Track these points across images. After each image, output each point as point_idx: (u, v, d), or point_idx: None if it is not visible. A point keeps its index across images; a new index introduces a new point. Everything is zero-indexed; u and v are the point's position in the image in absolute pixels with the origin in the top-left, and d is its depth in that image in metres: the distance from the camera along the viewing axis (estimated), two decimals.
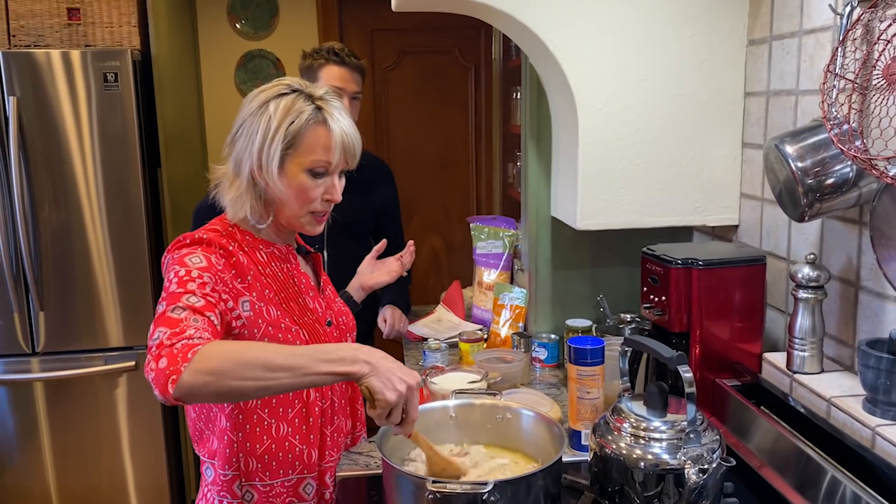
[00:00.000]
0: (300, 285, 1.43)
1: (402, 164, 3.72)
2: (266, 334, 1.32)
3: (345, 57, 2.21)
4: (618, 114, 1.79)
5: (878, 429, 1.22)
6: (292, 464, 1.38)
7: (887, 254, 1.19)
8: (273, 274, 1.38)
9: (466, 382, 1.64)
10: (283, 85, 1.34)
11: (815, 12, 1.52)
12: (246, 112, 1.32)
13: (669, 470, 1.19)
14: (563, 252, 2.12)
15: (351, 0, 3.75)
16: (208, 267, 1.25)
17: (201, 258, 1.26)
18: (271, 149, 1.28)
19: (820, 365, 1.45)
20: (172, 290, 1.20)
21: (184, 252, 1.27)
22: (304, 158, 1.31)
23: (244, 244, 1.36)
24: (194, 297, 1.18)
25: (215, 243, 1.29)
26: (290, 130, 1.29)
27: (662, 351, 1.24)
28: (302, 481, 1.40)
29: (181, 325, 1.12)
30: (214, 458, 1.38)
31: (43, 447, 2.86)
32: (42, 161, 2.69)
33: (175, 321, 1.13)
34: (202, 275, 1.23)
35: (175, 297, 1.18)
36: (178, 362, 1.05)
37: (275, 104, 1.29)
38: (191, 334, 1.10)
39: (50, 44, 2.78)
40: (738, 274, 1.56)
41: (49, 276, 2.75)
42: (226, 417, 1.35)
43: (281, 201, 1.33)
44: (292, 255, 1.44)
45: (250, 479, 1.36)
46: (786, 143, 1.37)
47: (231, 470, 1.36)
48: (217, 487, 1.38)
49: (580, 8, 1.74)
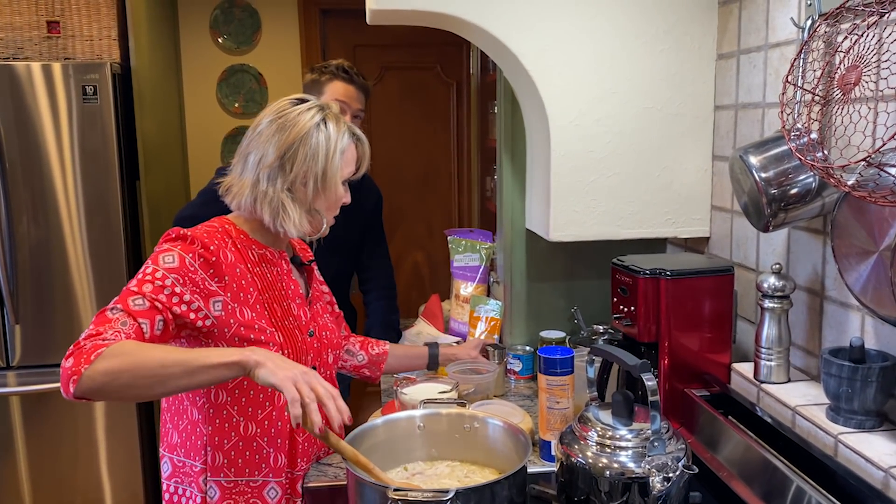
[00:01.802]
0: (287, 290, 1.47)
1: (385, 179, 3.73)
2: (237, 334, 1.35)
3: (353, 75, 2.28)
4: (589, 127, 1.80)
5: (840, 437, 1.22)
6: (258, 465, 1.40)
7: (847, 262, 1.20)
8: (261, 274, 1.42)
9: (437, 392, 1.64)
10: (315, 105, 1.44)
11: (780, 26, 1.55)
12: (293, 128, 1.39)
13: (635, 478, 1.19)
14: (538, 264, 2.13)
15: (333, 16, 3.78)
16: (178, 268, 1.29)
17: (174, 257, 1.30)
18: (334, 164, 1.42)
19: (787, 374, 1.46)
20: (131, 285, 1.27)
21: (164, 248, 1.33)
22: (344, 171, 1.45)
23: (237, 241, 1.40)
24: (140, 300, 1.25)
25: (198, 241, 1.33)
26: (343, 146, 1.43)
27: (627, 359, 1.25)
28: (266, 484, 1.41)
29: (107, 325, 1.20)
30: (174, 452, 1.42)
31: (18, 462, 2.83)
32: (20, 173, 2.68)
33: (105, 321, 1.21)
34: (167, 275, 1.29)
35: (125, 295, 1.26)
36: (81, 363, 1.13)
37: (332, 124, 1.42)
38: (107, 336, 1.17)
39: (29, 56, 2.78)
40: (707, 284, 1.57)
41: (26, 289, 2.73)
42: (197, 410, 1.39)
43: (317, 210, 1.45)
44: (284, 261, 1.50)
45: (215, 475, 1.38)
46: (749, 154, 1.38)
47: (199, 462, 1.38)
48: (179, 480, 1.41)
49: (552, 22, 1.76)
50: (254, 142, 1.41)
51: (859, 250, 1.16)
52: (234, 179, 1.44)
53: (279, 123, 1.39)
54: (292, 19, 3.70)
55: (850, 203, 1.19)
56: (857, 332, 1.33)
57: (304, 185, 1.40)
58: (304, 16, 3.71)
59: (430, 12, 1.74)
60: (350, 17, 3.67)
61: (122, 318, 1.22)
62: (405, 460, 1.39)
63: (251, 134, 1.43)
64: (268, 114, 1.42)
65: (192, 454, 1.40)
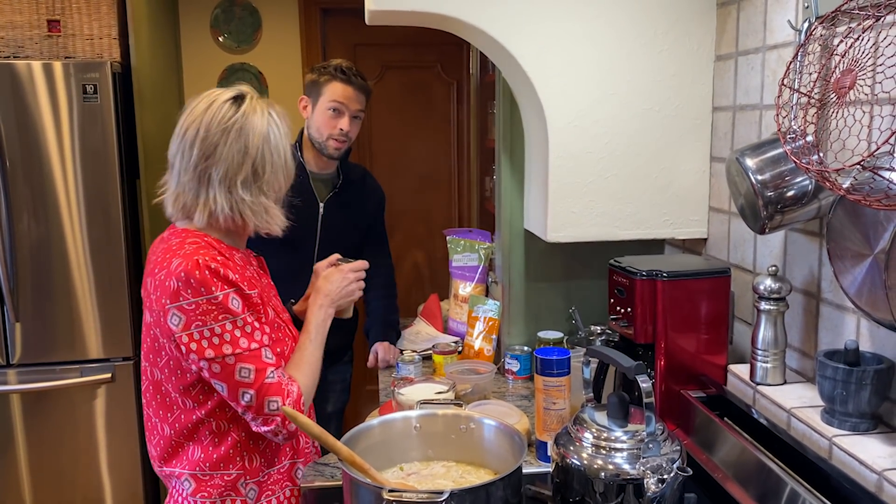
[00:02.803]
0: (268, 287, 1.52)
1: (385, 178, 3.69)
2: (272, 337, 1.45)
3: (351, 76, 2.26)
4: (587, 128, 1.81)
5: (834, 439, 1.22)
6: (284, 450, 1.47)
7: (842, 265, 1.20)
8: (251, 277, 1.43)
9: (433, 393, 1.65)
10: (252, 97, 1.43)
11: (778, 28, 1.55)
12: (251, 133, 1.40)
13: (629, 480, 1.20)
14: (537, 264, 2.14)
15: (334, 15, 3.78)
16: (244, 306, 1.36)
17: (236, 301, 1.35)
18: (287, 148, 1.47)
19: (782, 376, 1.46)
20: (245, 346, 1.34)
21: (219, 297, 1.31)
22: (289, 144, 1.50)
23: (222, 252, 1.39)
24: (268, 352, 1.38)
25: (222, 266, 1.34)
26: (286, 127, 1.48)
27: (622, 361, 1.25)
28: (294, 466, 1.50)
29: (283, 387, 1.36)
30: (196, 469, 1.40)
31: (19, 460, 2.83)
32: (21, 172, 2.69)
33: (277, 387, 1.35)
34: (247, 318, 1.36)
35: (254, 359, 1.35)
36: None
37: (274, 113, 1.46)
38: (291, 390, 1.37)
39: (30, 55, 2.79)
40: (703, 286, 1.57)
41: (26, 288, 2.74)
42: (226, 421, 1.40)
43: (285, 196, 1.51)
44: (254, 259, 1.54)
45: (254, 476, 1.42)
46: (746, 157, 1.38)
47: (235, 469, 1.40)
48: (207, 495, 1.39)
49: (550, 23, 1.76)
50: (212, 155, 1.35)
51: (854, 253, 1.17)
52: (188, 197, 1.39)
53: (235, 129, 1.35)
54: (293, 18, 3.70)
55: (845, 206, 1.19)
56: (852, 334, 1.34)
57: (276, 178, 1.43)
58: (305, 15, 3.71)
59: (429, 13, 1.74)
60: (350, 16, 3.67)
61: (280, 374, 1.37)
62: (401, 460, 1.39)
63: (199, 146, 1.35)
64: (214, 122, 1.36)
65: (222, 464, 1.40)
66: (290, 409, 1.27)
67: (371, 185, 2.51)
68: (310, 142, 2.31)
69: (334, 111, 2.25)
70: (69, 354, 2.80)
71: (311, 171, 2.33)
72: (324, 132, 2.25)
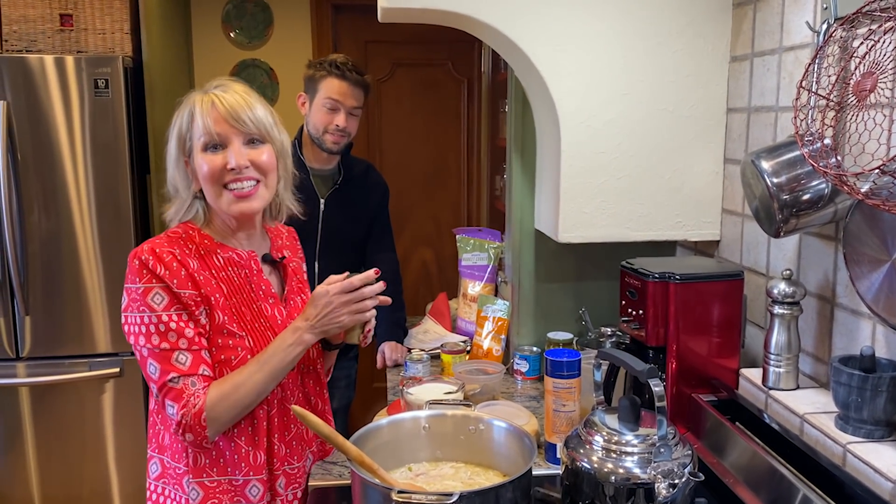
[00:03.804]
0: (258, 292, 1.44)
1: (395, 175, 3.72)
2: (211, 341, 1.36)
3: (346, 71, 2.23)
4: (600, 128, 1.79)
5: (849, 446, 1.21)
6: (238, 464, 1.39)
7: (859, 270, 1.19)
8: (228, 278, 1.39)
9: (442, 393, 1.64)
10: None
11: (795, 29, 1.53)
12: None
13: (640, 484, 1.18)
14: (547, 265, 2.12)
15: (345, 11, 3.78)
16: (170, 302, 1.31)
17: (161, 295, 1.31)
18: (171, 146, 1.40)
19: (795, 381, 1.45)
20: (156, 344, 1.31)
21: (140, 288, 1.31)
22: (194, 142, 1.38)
23: (201, 247, 1.38)
24: (183, 356, 1.31)
25: (161, 262, 1.31)
26: (182, 124, 1.38)
27: (634, 364, 1.24)
28: (248, 483, 1.40)
29: (184, 396, 1.30)
30: (164, 453, 1.40)
31: (27, 452, 2.85)
32: (32, 165, 2.69)
33: (179, 395, 1.30)
34: (171, 316, 1.31)
35: (162, 359, 1.31)
36: (201, 434, 1.31)
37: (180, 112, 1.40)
38: (194, 402, 1.30)
39: (42, 49, 2.79)
40: (716, 289, 1.56)
41: (36, 281, 2.75)
42: None
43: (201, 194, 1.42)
44: (254, 262, 1.45)
45: (198, 476, 1.37)
46: (762, 159, 1.37)
47: (182, 464, 1.37)
48: (166, 482, 1.40)
49: (565, 22, 1.75)
50: None
51: (872, 258, 1.15)
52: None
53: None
54: (304, 14, 3.70)
55: (863, 211, 1.17)
56: (867, 340, 1.32)
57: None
58: (317, 11, 3.70)
59: (442, 11, 1.73)
60: (362, 12, 3.66)
61: (187, 382, 1.31)
62: (409, 460, 1.38)
63: None
64: None
65: (176, 456, 1.39)
66: (299, 408, 1.25)
67: (374, 180, 2.49)
68: (309, 138, 2.30)
69: (330, 108, 2.24)
70: (78, 348, 2.81)
71: (312, 167, 2.32)
72: (320, 128, 2.25)
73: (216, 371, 1.36)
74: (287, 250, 1.57)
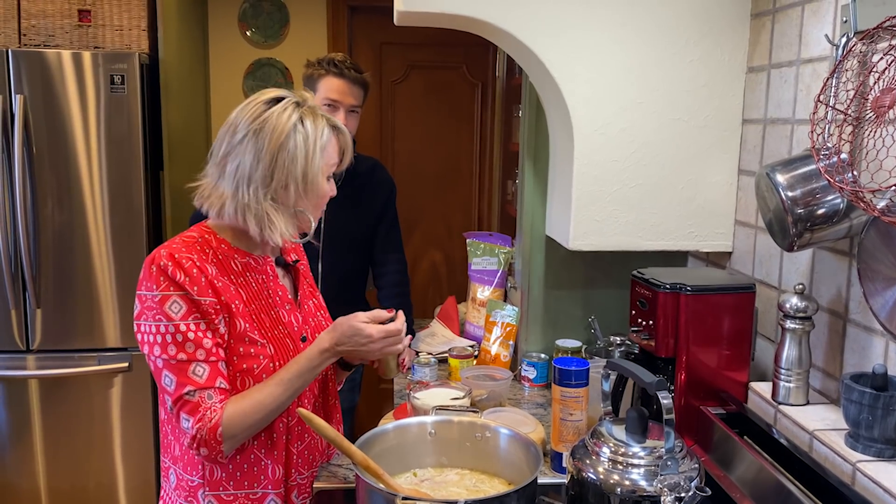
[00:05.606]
0: (275, 297, 1.41)
1: (406, 177, 3.73)
2: (230, 347, 1.33)
3: (344, 69, 2.20)
4: (614, 136, 1.79)
5: (858, 464, 1.20)
6: (257, 477, 1.37)
7: (873, 287, 1.18)
8: (246, 284, 1.37)
9: (449, 399, 1.63)
10: (291, 101, 1.36)
11: (813, 42, 1.52)
12: (271, 134, 1.32)
13: (646, 496, 1.18)
14: (557, 272, 2.12)
15: (361, 13, 3.78)
16: (188, 311, 1.28)
17: (179, 304, 1.28)
18: (315, 164, 1.35)
19: (805, 397, 1.44)
20: (172, 354, 1.27)
21: (157, 296, 1.27)
22: (326, 167, 1.39)
23: (219, 252, 1.35)
24: (200, 368, 1.28)
25: (180, 269, 1.28)
26: (323, 142, 1.36)
27: (643, 376, 1.23)
28: (266, 496, 1.38)
29: (200, 409, 1.27)
30: (177, 464, 1.38)
31: (35, 445, 2.86)
32: (46, 159, 2.71)
33: (195, 409, 1.27)
34: (189, 325, 1.28)
35: (178, 371, 1.27)
36: (215, 449, 1.28)
37: (309, 121, 1.35)
38: (210, 416, 1.27)
39: (60, 44, 2.81)
40: (727, 301, 1.55)
41: (48, 275, 2.76)
42: None
43: (302, 211, 1.38)
44: (269, 267, 1.43)
45: (214, 489, 1.36)
46: (777, 172, 1.36)
47: (197, 477, 1.36)
48: (179, 493, 1.38)
49: (580, 29, 1.74)
50: (233, 150, 1.33)
51: (887, 276, 1.14)
52: (209, 186, 1.36)
53: (254, 128, 1.31)
54: (320, 15, 3.70)
55: (878, 227, 1.16)
56: (880, 358, 1.31)
57: (286, 189, 1.34)
58: (333, 11, 3.71)
59: (458, 15, 1.73)
60: (378, 14, 3.67)
61: (204, 395, 1.28)
62: (415, 466, 1.38)
63: (227, 139, 1.34)
64: (244, 117, 1.33)
65: (189, 468, 1.37)
66: (305, 410, 1.25)
67: (380, 177, 2.44)
68: None
69: (329, 107, 2.21)
70: (88, 342, 2.82)
71: None
72: None
73: (237, 381, 1.33)
74: (293, 252, 1.55)
